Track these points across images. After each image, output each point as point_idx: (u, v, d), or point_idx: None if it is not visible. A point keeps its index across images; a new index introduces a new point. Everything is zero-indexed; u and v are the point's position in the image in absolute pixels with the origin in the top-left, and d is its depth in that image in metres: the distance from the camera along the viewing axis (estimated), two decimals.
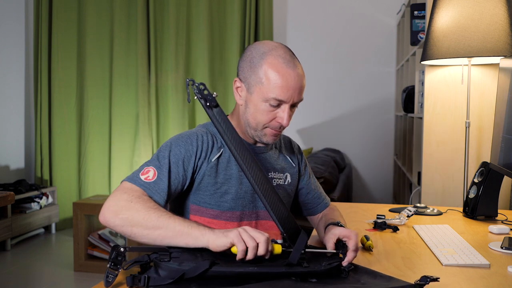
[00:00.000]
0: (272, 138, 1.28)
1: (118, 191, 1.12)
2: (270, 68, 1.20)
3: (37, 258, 3.59)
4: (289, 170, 1.41)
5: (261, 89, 1.21)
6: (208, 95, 1.20)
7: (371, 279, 1.03)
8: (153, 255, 1.00)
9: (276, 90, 1.19)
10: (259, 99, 1.22)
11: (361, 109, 4.34)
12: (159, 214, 1.06)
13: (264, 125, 1.25)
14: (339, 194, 2.83)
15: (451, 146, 2.41)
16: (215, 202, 1.26)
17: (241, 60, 1.28)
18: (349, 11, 4.30)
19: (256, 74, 1.21)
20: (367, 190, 4.41)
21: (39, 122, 4.48)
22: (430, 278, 0.97)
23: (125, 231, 1.07)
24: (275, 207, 1.15)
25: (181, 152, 1.21)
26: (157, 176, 1.16)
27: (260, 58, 1.22)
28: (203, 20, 4.25)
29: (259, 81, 1.21)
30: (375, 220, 1.60)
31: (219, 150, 1.27)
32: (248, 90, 1.24)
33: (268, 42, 1.26)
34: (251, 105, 1.24)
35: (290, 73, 1.20)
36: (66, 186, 4.48)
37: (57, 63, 4.43)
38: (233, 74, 4.25)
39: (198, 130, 1.29)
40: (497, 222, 1.70)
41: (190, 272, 0.93)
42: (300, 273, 1.00)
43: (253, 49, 1.25)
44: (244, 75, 1.25)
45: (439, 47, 2.03)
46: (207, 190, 1.25)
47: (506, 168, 1.51)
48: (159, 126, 4.40)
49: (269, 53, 1.22)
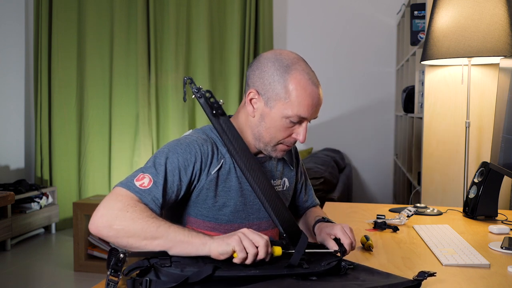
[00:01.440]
0: (282, 153, 1.25)
1: (111, 198, 1.05)
2: (296, 84, 1.15)
3: (37, 258, 3.59)
4: (286, 174, 1.38)
5: (284, 105, 1.15)
6: (215, 103, 1.15)
7: (369, 276, 1.04)
8: (153, 259, 0.98)
9: (301, 108, 1.15)
10: (279, 115, 1.17)
11: (361, 109, 4.34)
12: (157, 224, 1.01)
13: (279, 141, 1.21)
14: (339, 194, 2.83)
15: (451, 146, 2.41)
16: (213, 215, 1.21)
17: (255, 69, 1.20)
18: (349, 11, 4.30)
19: (279, 89, 1.15)
20: (367, 190, 4.41)
21: (39, 122, 4.48)
22: (428, 273, 0.99)
23: (120, 242, 1.01)
24: (277, 210, 1.14)
25: (178, 160, 1.14)
26: (152, 183, 1.09)
27: (284, 72, 1.16)
28: (203, 20, 4.25)
29: (282, 97, 1.15)
30: (375, 220, 1.60)
31: (219, 162, 1.20)
32: (267, 104, 1.18)
33: (286, 53, 1.20)
34: (267, 120, 1.19)
35: (315, 91, 1.16)
36: (66, 186, 4.48)
37: (57, 63, 4.43)
38: (233, 74, 4.25)
39: (198, 137, 1.20)
40: (497, 222, 1.70)
41: (193, 277, 0.93)
42: (301, 274, 1.01)
43: (271, 60, 1.18)
44: (262, 88, 1.18)
45: (439, 47, 2.03)
46: (205, 203, 1.20)
47: (506, 168, 1.51)
48: (159, 126, 4.40)
49: (293, 67, 1.16)
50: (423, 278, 0.99)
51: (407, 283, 0.99)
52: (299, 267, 1.02)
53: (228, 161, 1.22)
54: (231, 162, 1.22)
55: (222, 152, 1.22)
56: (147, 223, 1.01)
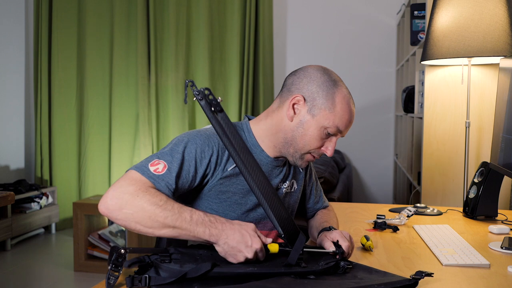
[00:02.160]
0: (306, 163, 1.29)
1: (125, 180, 1.06)
2: (343, 99, 1.22)
3: (37, 258, 3.59)
4: (295, 176, 1.38)
5: (328, 116, 1.20)
6: (213, 100, 1.15)
7: (367, 275, 1.06)
8: (153, 256, 1.01)
9: (341, 121, 1.22)
10: (319, 124, 1.21)
11: (361, 109, 4.34)
12: (165, 215, 1.02)
13: (310, 150, 1.24)
14: (339, 194, 2.83)
15: (451, 146, 2.41)
16: (223, 211, 1.22)
17: (303, 77, 1.24)
18: (349, 11, 4.30)
19: (328, 100, 1.21)
20: (367, 190, 4.41)
21: (39, 122, 4.48)
22: (425, 273, 1.01)
23: (127, 225, 1.03)
24: (275, 209, 1.14)
25: (196, 151, 1.15)
26: (166, 170, 1.10)
27: (333, 85, 1.22)
28: (203, 20, 4.25)
29: (328, 107, 1.20)
30: (375, 220, 1.60)
31: None
32: (310, 111, 1.21)
33: (331, 71, 1.27)
34: (306, 126, 1.22)
35: (353, 110, 1.25)
36: (66, 186, 4.48)
37: (57, 63, 4.43)
38: (233, 74, 4.24)
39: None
40: (497, 222, 1.70)
41: (192, 273, 0.95)
42: (299, 272, 1.02)
43: (321, 71, 1.24)
44: (309, 95, 1.22)
45: (439, 47, 2.03)
46: (216, 198, 1.21)
47: (506, 168, 1.51)
48: (159, 126, 4.40)
49: (340, 84, 1.23)
50: (421, 277, 1.01)
51: (404, 282, 1.00)
52: (297, 266, 1.03)
53: None
54: None
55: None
56: (155, 212, 1.02)
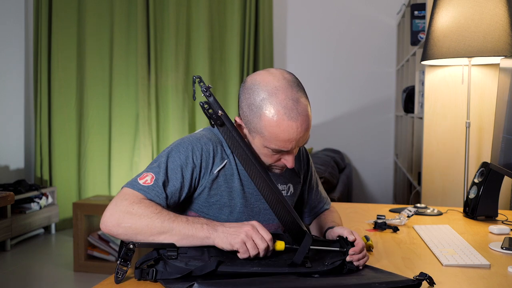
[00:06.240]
0: (280, 171, 1.25)
1: (118, 198, 1.10)
2: (270, 122, 1.11)
3: (37, 258, 3.59)
4: (292, 180, 1.36)
5: (263, 138, 1.15)
6: (213, 114, 1.15)
7: (372, 273, 1.07)
8: (161, 250, 1.04)
9: (278, 143, 1.13)
10: (261, 145, 1.17)
11: (361, 109, 4.34)
12: (162, 219, 1.05)
13: (270, 164, 1.22)
14: (339, 194, 2.83)
15: (451, 146, 2.41)
16: (213, 214, 1.22)
17: (242, 93, 1.18)
18: (349, 11, 4.30)
19: (256, 123, 1.14)
20: (367, 190, 4.41)
21: (39, 122, 4.47)
22: (428, 277, 1.02)
23: (130, 238, 1.06)
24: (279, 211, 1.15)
25: (180, 159, 1.16)
26: (154, 180, 1.13)
27: (259, 106, 1.12)
28: (203, 20, 4.25)
29: (259, 131, 1.14)
30: (375, 220, 1.60)
31: (223, 161, 1.21)
32: (250, 133, 1.18)
33: (268, 80, 1.13)
34: (254, 145, 1.19)
35: (291, 125, 1.10)
36: (66, 186, 4.48)
37: (57, 63, 4.43)
38: (233, 74, 4.24)
39: (202, 136, 1.22)
40: (497, 222, 1.70)
41: (197, 271, 0.98)
42: (303, 273, 1.03)
43: (252, 88, 1.14)
44: (244, 116, 1.17)
45: (439, 47, 2.03)
46: (206, 202, 1.21)
47: (506, 168, 1.51)
48: (159, 126, 4.40)
49: (268, 101, 1.11)
50: (424, 278, 1.01)
51: (408, 282, 1.00)
52: (302, 266, 1.04)
53: (232, 162, 1.22)
54: (235, 164, 1.22)
55: (227, 152, 1.22)
56: (152, 219, 1.05)
